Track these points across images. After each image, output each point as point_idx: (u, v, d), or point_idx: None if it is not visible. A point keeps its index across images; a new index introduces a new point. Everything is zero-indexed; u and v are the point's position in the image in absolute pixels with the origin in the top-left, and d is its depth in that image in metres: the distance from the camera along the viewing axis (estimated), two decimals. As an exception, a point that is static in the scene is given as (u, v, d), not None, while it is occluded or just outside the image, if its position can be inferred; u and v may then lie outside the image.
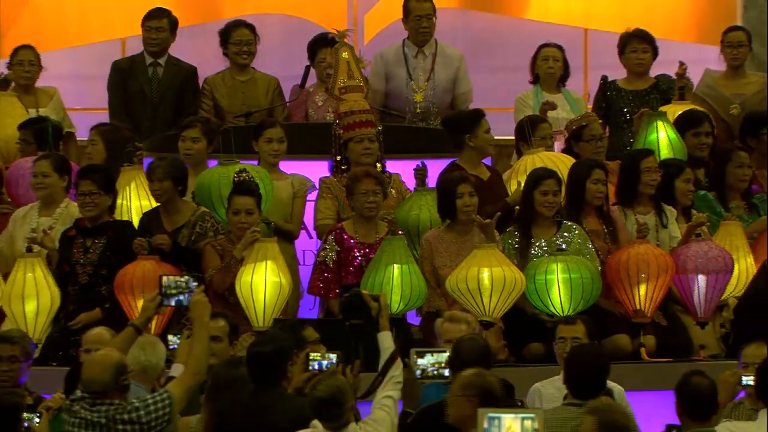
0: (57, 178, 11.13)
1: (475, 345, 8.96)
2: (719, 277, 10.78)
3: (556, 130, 11.99)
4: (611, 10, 14.85)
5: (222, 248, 10.73)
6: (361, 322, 8.98)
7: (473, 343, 8.99)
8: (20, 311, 10.48)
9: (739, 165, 11.55)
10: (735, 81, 12.84)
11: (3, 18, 14.94)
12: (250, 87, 12.75)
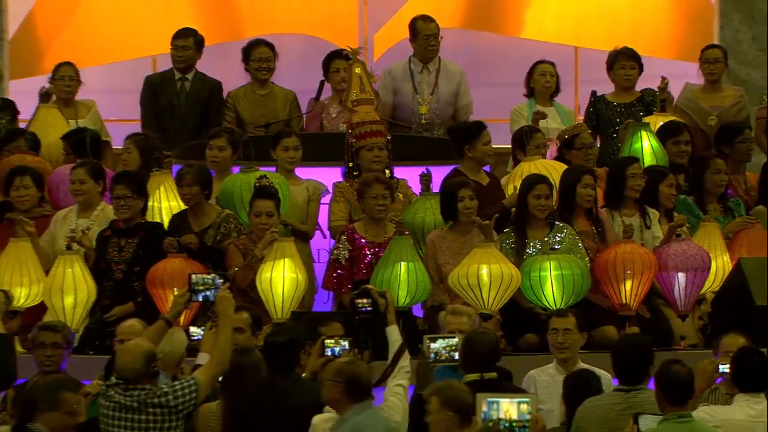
0: (93, 183, 11.11)
1: (486, 338, 8.96)
2: (698, 274, 10.76)
3: (548, 138, 11.97)
4: (599, 29, 14.83)
5: (244, 247, 10.73)
6: (370, 316, 8.98)
7: (485, 336, 8.98)
8: (60, 304, 10.46)
9: (716, 171, 11.53)
10: (712, 94, 12.81)
11: (45, 37, 14.94)
12: (269, 100, 12.74)
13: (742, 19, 14.82)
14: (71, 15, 14.92)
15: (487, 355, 8.86)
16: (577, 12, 15.01)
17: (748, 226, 11.27)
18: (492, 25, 15.08)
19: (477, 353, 8.84)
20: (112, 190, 10.91)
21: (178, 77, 12.87)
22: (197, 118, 12.75)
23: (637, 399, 8.72)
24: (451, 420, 7.95)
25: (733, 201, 11.65)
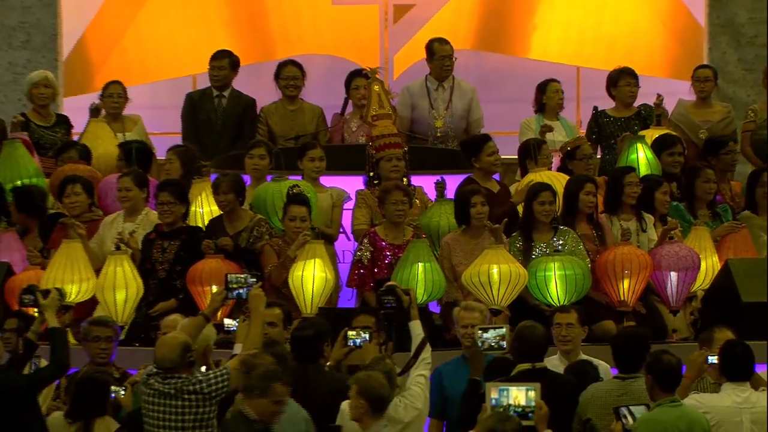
0: (138, 191, 11.10)
1: (537, 331, 8.92)
2: (688, 273, 10.72)
3: (553, 150, 11.95)
4: (599, 50, 14.80)
5: (279, 248, 10.72)
6: (394, 311, 8.99)
7: (536, 329, 8.93)
8: (111, 299, 10.46)
9: (705, 180, 11.48)
10: (703, 110, 12.78)
11: (96, 58, 14.95)
12: (298, 115, 12.74)
13: (728, 42, 14.80)
14: (119, 38, 14.93)
15: (537, 347, 8.85)
16: (578, 35, 14.98)
17: (734, 230, 11.21)
18: (501, 46, 15.06)
19: (529, 345, 8.82)
20: (157, 196, 10.91)
21: (216, 94, 12.87)
22: (232, 131, 12.74)
23: (633, 386, 8.74)
24: (363, 408, 8.07)
25: (720, 207, 11.59)
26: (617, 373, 8.86)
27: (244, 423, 8.20)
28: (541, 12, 14.99)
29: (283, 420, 8.40)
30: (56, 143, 12.36)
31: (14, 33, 14.64)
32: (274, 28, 14.98)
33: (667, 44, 15.00)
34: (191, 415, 8.47)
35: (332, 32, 14.95)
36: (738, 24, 14.79)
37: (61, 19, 14.77)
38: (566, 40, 14.96)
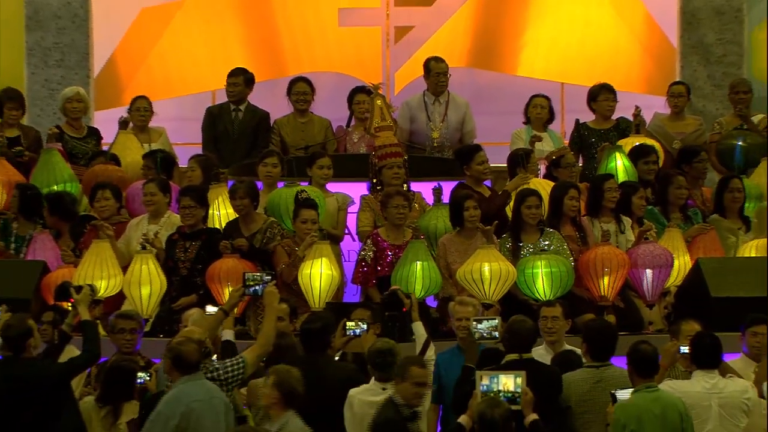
0: (161, 196, 11.09)
1: (526, 325, 8.87)
2: (662, 271, 10.69)
3: (539, 158, 11.92)
4: (581, 68, 14.78)
5: (289, 249, 10.68)
6: (397, 313, 9.03)
7: (525, 323, 8.89)
8: (137, 294, 10.43)
9: (678, 186, 11.46)
10: (677, 122, 12.76)
11: (124, 75, 14.95)
12: (308, 127, 12.71)
13: (699, 61, 14.78)
14: (145, 57, 14.92)
15: (526, 339, 8.82)
16: (562, 54, 14.96)
17: (704, 231, 11.19)
18: (492, 64, 15.04)
19: (518, 337, 8.78)
20: (179, 201, 10.88)
21: (233, 108, 12.84)
22: (248, 142, 12.70)
23: (606, 373, 8.76)
24: (276, 399, 8.03)
25: (692, 211, 11.57)
26: (588, 362, 8.83)
27: (393, 408, 8.25)
28: (529, 33, 14.97)
29: (199, 401, 8.33)
30: (87, 153, 12.35)
31: (50, 53, 14.63)
32: (286, 48, 14.96)
33: (644, 62, 14.97)
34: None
35: (338, 52, 14.94)
36: (707, 44, 14.77)
37: (92, 40, 14.75)
38: (551, 58, 14.94)
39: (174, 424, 8.22)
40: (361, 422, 8.50)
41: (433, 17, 14.91)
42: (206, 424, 8.22)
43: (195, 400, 8.30)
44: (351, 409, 8.55)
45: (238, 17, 14.95)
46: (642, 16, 14.98)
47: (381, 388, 8.53)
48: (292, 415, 8.05)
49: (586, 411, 8.65)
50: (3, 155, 11.71)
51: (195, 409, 8.26)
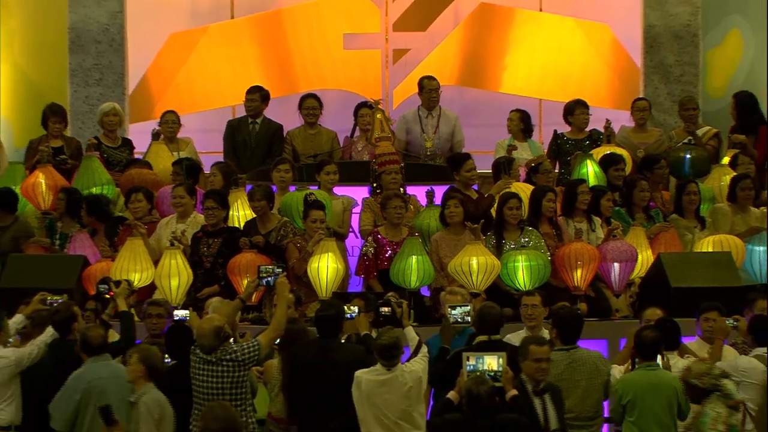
0: (188, 199, 11.04)
1: (494, 311, 8.92)
2: (628, 264, 10.64)
3: (520, 165, 11.89)
4: (555, 86, 14.74)
5: (300, 245, 10.63)
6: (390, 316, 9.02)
7: (493, 309, 8.93)
8: (167, 285, 10.36)
9: (641, 190, 11.41)
10: (640, 134, 12.71)
11: (155, 92, 14.92)
12: (317, 138, 12.65)
13: (660, 80, 14.75)
14: (174, 76, 14.90)
15: (494, 323, 8.83)
16: (539, 74, 14.93)
17: (665, 229, 11.12)
18: (478, 82, 15.01)
19: (487, 322, 8.80)
20: (203, 203, 10.84)
21: (250, 121, 12.79)
22: (263, 150, 12.62)
23: (576, 355, 8.77)
24: (142, 372, 8.09)
25: (654, 211, 11.52)
26: (560, 346, 8.79)
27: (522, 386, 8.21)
28: (510, 55, 14.93)
29: (102, 379, 8.35)
30: (122, 161, 12.32)
31: (90, 73, 14.60)
32: (297, 68, 14.93)
33: (611, 81, 14.94)
34: (229, 378, 8.45)
35: (343, 71, 14.90)
36: (667, 65, 14.75)
37: (127, 62, 14.70)
38: (530, 77, 14.91)
39: (77, 398, 8.26)
40: (368, 399, 8.44)
41: (427, 41, 14.89)
42: (109, 400, 8.08)
43: (97, 378, 8.36)
44: (359, 388, 8.48)
45: (254, 41, 14.92)
46: (609, 40, 14.94)
47: (386, 370, 8.48)
48: (151, 387, 8.13)
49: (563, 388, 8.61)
50: (49, 163, 11.66)
51: (96, 386, 8.32)
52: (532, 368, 8.22)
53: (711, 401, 8.31)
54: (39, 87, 14.74)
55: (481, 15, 14.89)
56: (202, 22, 14.93)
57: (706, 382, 8.32)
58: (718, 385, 8.33)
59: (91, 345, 8.50)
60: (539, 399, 8.16)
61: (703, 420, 8.27)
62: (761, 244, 10.95)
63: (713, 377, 8.34)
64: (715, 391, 8.32)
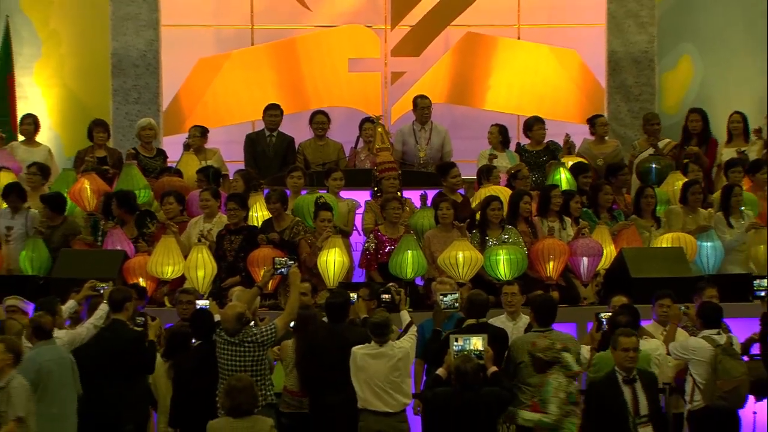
0: (214, 201, 11.00)
1: (481, 297, 8.91)
2: (594, 258, 10.60)
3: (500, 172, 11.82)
4: (531, 104, 14.67)
5: (311, 241, 10.59)
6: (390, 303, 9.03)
7: (481, 296, 8.92)
8: (195, 276, 10.32)
9: (605, 194, 11.36)
10: (600, 145, 12.63)
11: (186, 108, 14.87)
12: (325, 148, 12.57)
13: (621, 98, 14.71)
14: (202, 95, 14.86)
15: (482, 308, 8.83)
16: (518, 93, 14.90)
17: (626, 227, 11.06)
18: (465, 100, 14.97)
19: (476, 306, 8.78)
20: (227, 205, 10.79)
21: (268, 134, 12.71)
22: (280, 160, 12.52)
23: (550, 336, 8.66)
24: (9, 360, 7.87)
25: (616, 212, 11.47)
26: (537, 328, 8.75)
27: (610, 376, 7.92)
28: (493, 77, 14.89)
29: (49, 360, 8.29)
30: (156, 168, 12.24)
31: (130, 93, 14.57)
32: (308, 88, 14.90)
33: (579, 99, 14.91)
34: (250, 357, 8.43)
35: (348, 91, 14.86)
36: (627, 86, 14.71)
37: (161, 83, 14.66)
38: (510, 96, 14.87)
39: (30, 378, 8.17)
40: (362, 370, 8.46)
41: (420, 65, 14.84)
42: (55, 378, 8.22)
43: (46, 360, 8.30)
44: (355, 362, 8.49)
45: (271, 65, 14.88)
46: (577, 64, 14.91)
47: (378, 346, 8.47)
48: (16, 374, 7.92)
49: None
50: (94, 170, 11.62)
51: (44, 366, 8.27)
52: (621, 357, 7.88)
53: (553, 372, 8.22)
54: (85, 105, 14.71)
55: (467, 42, 14.85)
56: (226, 49, 14.88)
57: (548, 355, 8.23)
58: (559, 358, 8.24)
59: (44, 330, 8.44)
60: (629, 387, 7.79)
61: (547, 388, 8.18)
62: (709, 240, 10.93)
63: (555, 351, 8.27)
64: (556, 364, 8.22)
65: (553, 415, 7.98)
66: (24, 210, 11.15)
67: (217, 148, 12.72)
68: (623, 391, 7.83)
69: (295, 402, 8.91)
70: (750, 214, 11.21)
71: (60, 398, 8.30)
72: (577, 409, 8.06)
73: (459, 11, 14.78)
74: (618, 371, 7.91)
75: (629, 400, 7.75)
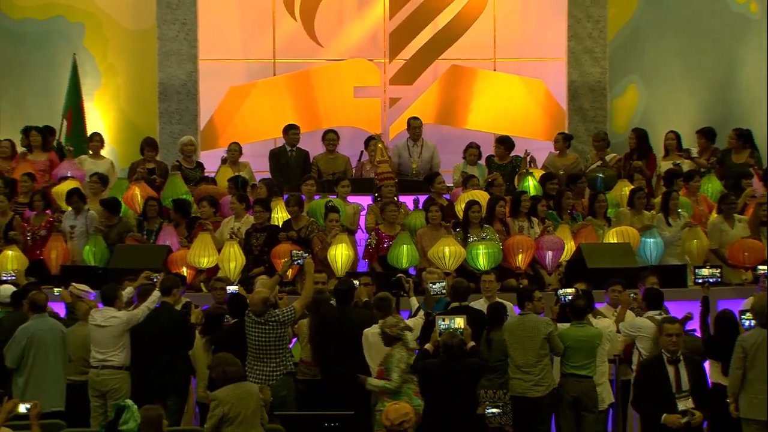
0: (239, 205, 10.94)
1: (464, 285, 8.89)
2: (558, 252, 10.55)
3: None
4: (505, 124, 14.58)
5: (322, 238, 10.55)
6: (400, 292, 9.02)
7: (463, 284, 8.91)
8: (227, 267, 10.27)
9: (567, 198, 11.30)
10: (562, 158, 12.54)
11: (219, 127, 14.80)
12: (335, 161, 12.47)
13: (579, 120, 14.61)
14: (232, 117, 14.79)
15: (464, 293, 8.84)
16: (494, 115, 14.81)
17: (584, 227, 10.98)
18: (451, 121, 14.88)
19: (458, 292, 8.79)
20: (253, 208, 10.75)
21: (288, 149, 12.60)
22: (299, 170, 12.38)
23: (528, 318, 8.67)
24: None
25: (576, 214, 11.39)
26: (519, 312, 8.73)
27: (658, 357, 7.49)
28: (473, 102, 14.80)
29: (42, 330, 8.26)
30: (196, 178, 12.17)
31: (173, 115, 14.51)
32: (321, 111, 14.83)
33: (545, 120, 14.85)
34: (273, 334, 8.39)
35: (354, 113, 14.79)
36: (584, 109, 14.65)
37: (200, 107, 14.59)
38: (487, 118, 14.80)
39: (23, 345, 8.23)
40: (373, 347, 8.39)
41: (413, 92, 14.77)
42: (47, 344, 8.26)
43: (39, 329, 8.31)
44: (367, 341, 8.43)
45: (290, 92, 14.81)
46: (543, 92, 14.85)
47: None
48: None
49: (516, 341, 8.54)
50: (144, 179, 11.58)
51: (36, 335, 8.28)
52: (665, 341, 7.49)
53: (398, 346, 8.15)
54: (137, 125, 14.66)
55: (452, 73, 14.79)
56: (252, 78, 14.80)
57: (393, 332, 8.15)
58: (402, 335, 8.15)
59: (38, 305, 8.45)
60: (673, 366, 7.42)
61: (391, 360, 8.11)
62: (651, 237, 10.88)
63: (399, 329, 8.17)
64: (399, 340, 8.15)
65: (394, 383, 7.95)
66: (84, 211, 11.11)
67: (247, 162, 12.64)
68: (668, 370, 7.48)
69: (309, 371, 8.88)
70: (685, 215, 11.16)
71: (49, 361, 8.32)
72: (415, 377, 8.02)
73: (445, 47, 14.74)
74: (664, 352, 7.54)
75: (672, 377, 7.40)
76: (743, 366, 7.96)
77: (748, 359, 7.98)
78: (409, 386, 8.01)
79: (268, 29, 14.70)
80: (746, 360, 7.98)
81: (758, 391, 7.92)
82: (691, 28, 14.63)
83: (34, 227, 11.01)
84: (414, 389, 7.98)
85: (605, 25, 14.56)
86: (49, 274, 10.49)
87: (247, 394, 7.22)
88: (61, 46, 14.49)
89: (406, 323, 8.28)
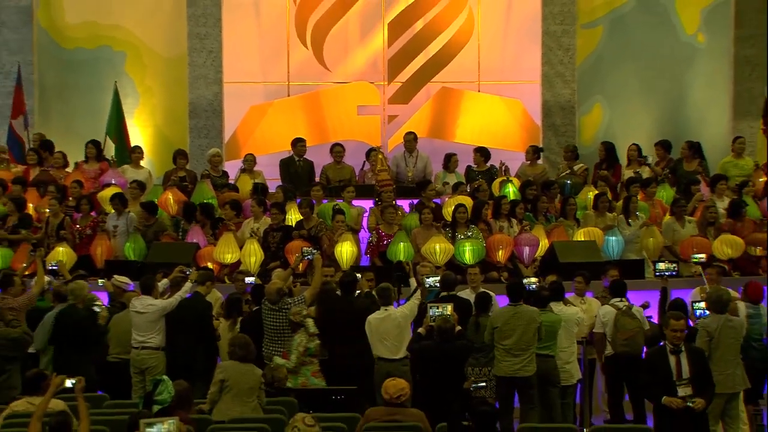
0: (258, 208, 10.88)
1: (452, 277, 8.87)
2: (533, 248, 10.49)
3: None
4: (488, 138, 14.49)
5: (329, 236, 10.48)
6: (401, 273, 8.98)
7: (451, 276, 8.87)
8: (248, 261, 10.19)
9: (542, 202, 11.25)
10: (533, 167, 12.41)
11: (241, 141, 14.72)
12: (342, 170, 12.38)
13: (552, 134, 14.53)
14: (252, 132, 14.73)
15: (452, 284, 8.78)
16: (479, 130, 14.74)
17: (556, 227, 10.92)
18: (441, 135, 14.76)
19: (447, 283, 8.74)
20: (270, 210, 10.70)
21: (296, 159, 12.52)
22: (305, 177, 12.31)
23: (520, 308, 8.57)
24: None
25: (550, 216, 11.33)
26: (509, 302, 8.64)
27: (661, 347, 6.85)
28: (461, 118, 14.73)
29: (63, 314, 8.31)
30: (221, 184, 12.08)
31: (201, 130, 14.49)
32: (329, 126, 14.75)
33: (521, 135, 14.77)
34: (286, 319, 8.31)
35: (357, 128, 14.70)
36: (557, 125, 14.59)
37: (224, 123, 14.55)
38: (472, 132, 14.73)
39: (50, 323, 8.34)
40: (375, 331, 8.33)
41: (409, 110, 14.70)
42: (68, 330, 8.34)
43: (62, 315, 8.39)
44: (370, 327, 8.41)
45: (302, 110, 14.73)
46: (521, 110, 14.80)
47: (384, 310, 8.38)
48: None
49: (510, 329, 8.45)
50: (176, 186, 11.53)
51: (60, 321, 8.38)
52: (670, 335, 7.09)
53: (300, 332, 8.15)
54: (170, 139, 14.59)
55: (443, 94, 14.71)
56: (270, 99, 14.73)
57: (297, 319, 8.18)
58: (304, 322, 8.16)
59: (61, 295, 8.51)
60: (675, 356, 7.02)
61: (293, 344, 8.12)
62: (613, 235, 10.84)
63: (302, 316, 8.21)
64: (302, 326, 8.14)
65: (291, 363, 8.01)
66: (125, 213, 11.07)
67: (261, 170, 12.57)
68: (670, 359, 7.11)
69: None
70: (643, 216, 11.13)
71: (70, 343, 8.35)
72: (315, 360, 8.05)
73: (436, 71, 14.68)
74: (667, 344, 7.18)
75: (673, 366, 7.03)
76: (709, 348, 7.91)
77: (714, 341, 7.96)
78: (308, 368, 8.06)
79: (283, 56, 14.66)
80: (711, 342, 7.95)
81: (724, 368, 7.94)
82: (647, 55, 14.67)
83: (81, 227, 10.99)
84: (312, 370, 8.04)
85: (574, 52, 14.54)
86: (95, 267, 10.49)
87: (248, 373, 7.26)
88: (106, 72, 14.48)
89: (309, 311, 8.26)
